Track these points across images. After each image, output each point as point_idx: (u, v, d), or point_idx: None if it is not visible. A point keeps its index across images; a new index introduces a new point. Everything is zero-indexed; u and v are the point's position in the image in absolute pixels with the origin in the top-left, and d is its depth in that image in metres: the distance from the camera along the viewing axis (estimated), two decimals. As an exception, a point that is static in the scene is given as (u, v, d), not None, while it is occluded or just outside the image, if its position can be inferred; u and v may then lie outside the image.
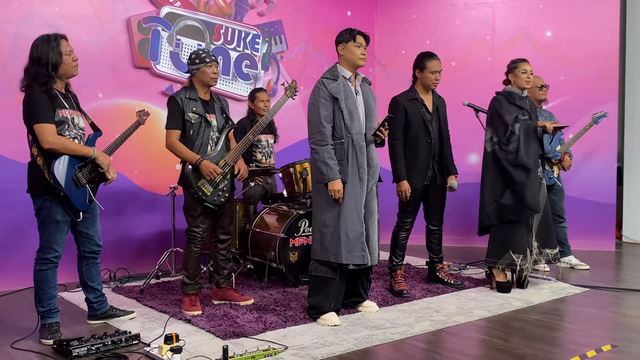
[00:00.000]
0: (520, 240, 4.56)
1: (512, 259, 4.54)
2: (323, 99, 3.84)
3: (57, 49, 3.51)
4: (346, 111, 3.84)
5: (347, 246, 3.79)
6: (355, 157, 3.85)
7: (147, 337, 3.56)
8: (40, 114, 3.43)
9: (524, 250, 4.55)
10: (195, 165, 3.99)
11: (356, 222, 3.82)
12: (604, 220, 6.65)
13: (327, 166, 3.79)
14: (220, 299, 4.35)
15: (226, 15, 6.26)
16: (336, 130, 3.85)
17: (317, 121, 3.84)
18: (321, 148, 3.82)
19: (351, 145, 3.84)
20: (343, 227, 3.79)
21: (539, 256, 4.60)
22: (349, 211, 3.81)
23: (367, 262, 3.86)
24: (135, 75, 5.65)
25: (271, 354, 3.19)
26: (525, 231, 4.58)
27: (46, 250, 3.56)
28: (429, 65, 4.65)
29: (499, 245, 4.63)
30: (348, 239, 3.79)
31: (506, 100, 4.65)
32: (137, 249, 5.66)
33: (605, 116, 5.84)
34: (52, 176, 3.44)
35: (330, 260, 3.82)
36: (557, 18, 6.79)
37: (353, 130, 3.85)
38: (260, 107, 5.40)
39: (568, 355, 3.21)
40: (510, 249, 4.57)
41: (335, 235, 3.80)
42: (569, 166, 5.63)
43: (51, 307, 3.60)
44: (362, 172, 3.86)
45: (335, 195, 3.77)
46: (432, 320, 3.90)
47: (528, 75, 4.65)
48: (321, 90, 3.87)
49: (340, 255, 3.79)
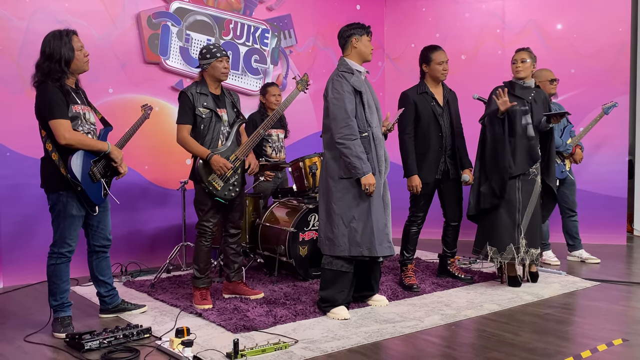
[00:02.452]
0: (499, 234, 4.53)
1: (487, 251, 4.56)
2: (347, 93, 3.81)
3: (69, 44, 3.53)
4: (367, 104, 3.85)
5: (378, 238, 3.81)
6: (375, 150, 3.86)
7: (159, 330, 3.59)
8: (56, 110, 3.45)
9: (501, 245, 4.52)
10: (205, 160, 4.01)
11: (381, 214, 3.86)
12: (615, 213, 6.61)
13: (360, 160, 3.74)
14: (231, 293, 4.38)
15: (235, 10, 6.26)
16: (359, 124, 3.83)
17: (344, 115, 3.78)
18: (352, 142, 3.76)
19: (372, 139, 3.85)
20: (375, 220, 3.80)
21: (525, 254, 4.55)
22: (376, 204, 3.84)
23: (393, 253, 3.91)
24: (145, 71, 5.67)
25: (281, 347, 3.20)
26: (508, 225, 4.52)
27: (60, 245, 3.59)
28: (435, 57, 4.63)
29: (481, 236, 4.67)
30: (379, 231, 3.81)
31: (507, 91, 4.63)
32: (148, 243, 5.69)
33: (615, 106, 5.79)
34: (69, 171, 3.47)
35: (364, 254, 3.81)
36: (568, 10, 6.74)
37: (372, 124, 3.85)
38: (271, 102, 5.41)
39: (579, 349, 3.20)
40: (487, 240, 4.58)
41: (368, 228, 3.80)
42: (580, 159, 5.60)
43: (64, 301, 3.63)
44: (380, 164, 3.89)
45: (370, 189, 3.76)
46: (442, 314, 3.90)
47: (517, 65, 4.60)
48: (344, 84, 3.83)
49: (375, 248, 3.79)
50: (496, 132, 4.54)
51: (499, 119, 4.51)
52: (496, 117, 4.50)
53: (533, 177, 4.59)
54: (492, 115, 4.55)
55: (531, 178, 4.58)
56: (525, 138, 4.55)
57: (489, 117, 4.58)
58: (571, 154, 5.51)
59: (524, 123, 4.55)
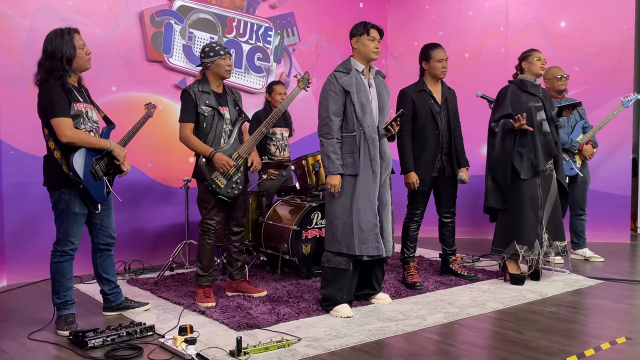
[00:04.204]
0: (526, 231, 4.54)
1: (516, 250, 4.54)
2: (333, 93, 3.86)
3: (71, 42, 3.53)
4: (358, 104, 3.85)
5: (360, 238, 3.80)
6: (367, 149, 3.85)
7: (162, 328, 3.59)
8: (58, 109, 3.45)
9: (529, 242, 4.53)
10: (208, 158, 4.01)
11: (369, 213, 3.83)
12: (619, 212, 6.60)
13: (329, 160, 3.84)
14: (234, 291, 4.38)
15: (238, 8, 6.26)
16: (348, 124, 3.87)
17: (325, 114, 3.87)
18: (327, 141, 3.86)
19: (363, 138, 3.85)
20: (355, 219, 3.81)
21: (549, 248, 4.58)
22: (362, 203, 3.82)
23: (381, 253, 3.87)
24: (149, 69, 5.67)
25: (284, 345, 3.21)
26: (532, 222, 4.55)
27: (63, 243, 3.60)
28: (434, 54, 4.64)
29: (504, 234, 4.65)
30: (361, 230, 3.81)
31: (518, 89, 4.63)
32: (151, 241, 5.70)
33: (638, 99, 5.69)
34: (71, 169, 3.47)
35: (342, 251, 3.83)
36: (572, 8, 6.73)
37: (365, 123, 3.85)
38: (277, 100, 5.42)
39: (582, 348, 3.20)
40: (515, 239, 4.56)
41: (348, 226, 3.82)
42: (590, 155, 5.50)
43: (67, 298, 3.64)
44: (374, 164, 3.86)
45: (331, 189, 3.82)
46: (445, 312, 3.90)
47: (542, 62, 4.65)
48: (332, 83, 3.89)
49: (354, 246, 3.80)
50: (506, 146, 4.58)
51: (511, 134, 4.56)
52: (510, 130, 4.54)
53: (550, 173, 4.64)
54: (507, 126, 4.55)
55: (548, 174, 4.63)
56: (542, 134, 4.57)
57: (501, 129, 4.58)
58: (579, 150, 5.46)
59: (539, 119, 4.57)
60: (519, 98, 4.60)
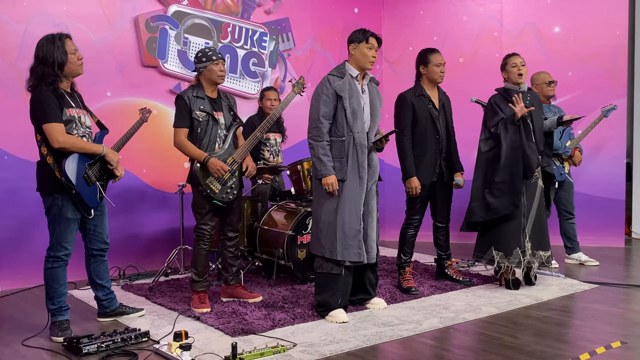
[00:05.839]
0: (506, 239, 4.51)
1: (493, 256, 4.53)
2: (325, 96, 3.87)
3: (63, 48, 3.52)
4: (349, 110, 3.85)
5: (343, 243, 3.81)
6: (355, 155, 3.85)
7: (157, 334, 3.58)
8: (49, 114, 3.44)
9: (507, 249, 4.50)
10: (203, 163, 4.01)
11: (354, 220, 3.83)
12: (613, 216, 6.62)
13: (320, 162, 3.83)
14: (229, 296, 4.37)
15: (233, 14, 6.27)
16: (337, 128, 3.87)
17: (315, 117, 3.87)
18: (317, 144, 3.86)
19: (352, 144, 3.85)
20: (340, 224, 3.81)
21: (532, 257, 4.55)
22: (347, 209, 3.83)
23: (363, 260, 3.87)
24: (143, 74, 5.67)
25: (280, 351, 3.20)
26: (514, 230, 4.51)
27: (57, 248, 3.58)
28: (433, 59, 4.64)
29: (485, 240, 4.64)
30: (345, 235, 3.81)
31: (502, 99, 4.62)
32: (146, 246, 5.68)
33: (614, 109, 5.80)
34: (63, 174, 3.46)
35: (326, 255, 3.84)
36: (565, 13, 6.76)
37: (355, 129, 3.85)
38: (267, 106, 5.42)
39: (577, 352, 3.20)
40: (493, 245, 4.55)
41: (332, 231, 3.83)
42: (579, 161, 5.59)
43: (61, 304, 3.62)
44: (362, 171, 3.86)
45: (329, 188, 3.81)
46: (440, 317, 3.90)
47: (519, 68, 4.61)
48: (325, 86, 3.89)
49: (336, 251, 3.81)
50: (513, 139, 4.50)
51: (514, 126, 4.50)
52: (512, 123, 4.49)
53: (535, 181, 4.60)
54: (507, 122, 4.50)
55: (534, 182, 4.59)
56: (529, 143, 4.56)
57: (503, 124, 4.52)
58: (570, 156, 5.51)
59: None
60: (505, 107, 4.57)
